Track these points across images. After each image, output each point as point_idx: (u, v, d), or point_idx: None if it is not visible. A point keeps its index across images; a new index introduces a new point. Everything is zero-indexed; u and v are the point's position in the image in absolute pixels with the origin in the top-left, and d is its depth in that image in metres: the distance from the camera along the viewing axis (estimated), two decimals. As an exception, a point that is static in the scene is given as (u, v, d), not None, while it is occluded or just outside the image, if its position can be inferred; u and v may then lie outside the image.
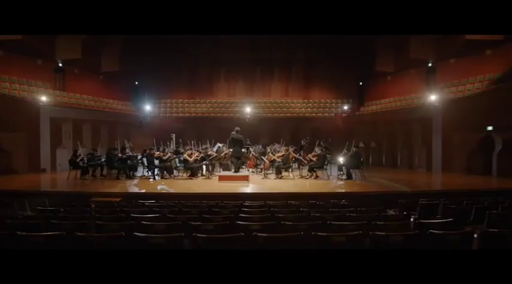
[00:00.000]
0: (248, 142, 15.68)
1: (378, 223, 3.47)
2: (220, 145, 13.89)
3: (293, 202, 5.97)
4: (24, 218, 4.19)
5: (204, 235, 2.87)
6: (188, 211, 4.84)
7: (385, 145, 15.50)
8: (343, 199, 6.94)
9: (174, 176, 11.09)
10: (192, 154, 10.84)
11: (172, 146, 14.08)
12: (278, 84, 20.79)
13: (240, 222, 3.51)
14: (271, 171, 11.64)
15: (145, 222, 3.59)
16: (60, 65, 16.17)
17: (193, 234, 3.01)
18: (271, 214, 4.19)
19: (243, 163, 11.99)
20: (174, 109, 19.78)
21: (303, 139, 14.47)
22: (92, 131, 15.11)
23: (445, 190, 8.59)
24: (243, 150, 11.34)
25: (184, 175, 11.34)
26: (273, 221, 3.61)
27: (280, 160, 10.59)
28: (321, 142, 13.80)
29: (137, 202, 6.46)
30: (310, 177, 10.73)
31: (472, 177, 11.01)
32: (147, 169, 11.76)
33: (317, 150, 11.20)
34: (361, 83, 20.02)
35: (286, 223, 3.42)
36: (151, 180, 10.53)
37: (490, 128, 11.29)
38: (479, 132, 11.52)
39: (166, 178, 10.72)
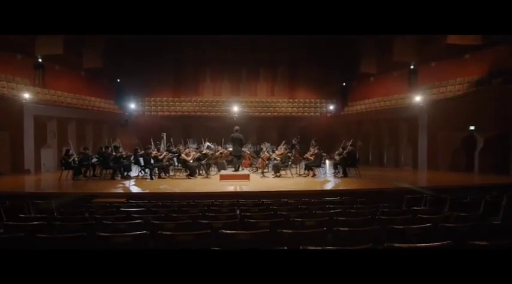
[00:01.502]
0: (229, 141, 15.72)
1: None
2: (209, 144, 13.84)
3: (309, 200, 6.10)
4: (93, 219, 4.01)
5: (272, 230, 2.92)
6: (219, 210, 4.85)
7: (372, 144, 16.03)
8: (349, 196, 7.18)
9: (171, 176, 10.95)
10: (189, 153, 10.74)
11: (163, 145, 13.84)
12: (264, 83, 20.93)
13: (297, 219, 3.58)
14: (266, 170, 11.74)
15: (203, 221, 3.57)
16: (40, 60, 15.44)
17: (251, 232, 3.07)
18: (309, 211, 4.29)
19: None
20: (159, 107, 19.41)
21: (293, 138, 14.63)
22: (77, 130, 14.54)
23: (441, 186, 9.02)
24: (242, 149, 11.36)
25: (180, 174, 11.23)
26: (326, 217, 3.72)
27: (279, 158, 10.71)
28: (313, 142, 14.12)
29: (150, 202, 6.35)
30: (307, 175, 10.96)
31: (459, 174, 11.61)
32: (140, 169, 11.54)
33: (312, 149, 11.41)
34: (344, 84, 20.57)
35: (339, 218, 3.53)
36: (148, 180, 10.33)
37: (472, 128, 11.99)
38: (463, 132, 12.20)
39: (163, 178, 10.55)
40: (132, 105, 18.43)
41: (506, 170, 11.14)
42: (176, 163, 11.40)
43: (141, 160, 10.77)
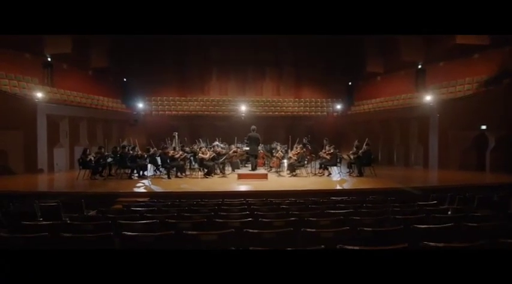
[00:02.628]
0: (246, 140, 15.80)
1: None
2: (218, 143, 13.90)
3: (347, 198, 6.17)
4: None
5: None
6: (259, 209, 4.90)
7: (381, 143, 16.11)
8: (374, 194, 7.27)
9: (187, 175, 10.98)
10: (206, 152, 10.78)
11: (174, 144, 13.84)
12: (270, 83, 20.98)
13: (355, 217, 3.65)
14: (280, 169, 11.80)
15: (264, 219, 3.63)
16: (49, 59, 15.37)
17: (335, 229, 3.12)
18: (367, 209, 4.36)
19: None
20: (167, 107, 19.39)
21: (304, 137, 14.69)
22: (88, 129, 14.50)
23: (463, 185, 9.05)
24: (259, 148, 11.39)
25: (195, 173, 11.24)
26: (385, 215, 3.80)
27: (295, 158, 10.78)
28: (325, 141, 14.21)
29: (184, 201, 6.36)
30: (323, 174, 11.03)
31: (471, 172, 11.67)
32: (155, 168, 11.56)
33: (327, 148, 11.48)
34: (350, 83, 20.69)
35: (395, 217, 3.60)
36: (165, 179, 10.33)
37: (483, 127, 12.14)
38: (473, 131, 12.34)
39: (180, 177, 10.57)
40: (140, 104, 18.40)
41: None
42: (193, 163, 11.39)
43: (158, 159, 10.76)
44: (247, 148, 11.79)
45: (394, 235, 2.77)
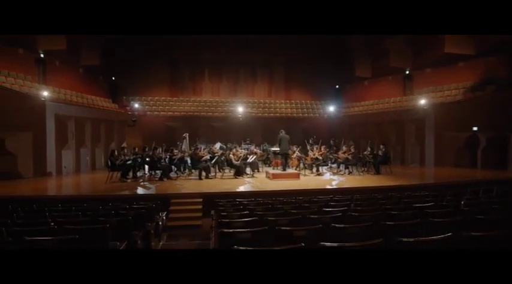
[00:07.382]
0: (248, 141, 16.03)
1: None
2: (221, 144, 14.04)
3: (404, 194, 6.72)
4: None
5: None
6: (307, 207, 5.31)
7: (377, 144, 17.10)
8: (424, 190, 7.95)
9: (213, 176, 10.99)
10: (236, 153, 10.89)
11: (185, 146, 13.70)
12: (261, 84, 21.34)
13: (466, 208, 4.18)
14: (298, 169, 12.17)
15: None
16: (42, 55, 14.44)
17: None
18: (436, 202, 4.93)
19: (271, 162, 12.36)
20: (160, 107, 18.96)
21: (310, 138, 15.19)
22: (92, 130, 13.83)
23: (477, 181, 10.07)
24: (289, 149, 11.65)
25: (222, 174, 11.28)
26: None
27: (321, 157, 11.24)
28: (331, 141, 14.89)
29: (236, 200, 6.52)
30: (344, 173, 11.62)
31: (468, 170, 12.91)
32: (175, 170, 11.43)
33: (345, 148, 12.08)
34: (337, 86, 21.68)
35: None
36: (194, 179, 10.29)
37: (475, 128, 13.50)
38: (466, 132, 13.67)
39: (210, 178, 10.57)
40: (136, 105, 17.83)
41: (505, 166, 12.75)
42: (225, 164, 11.39)
43: (188, 160, 10.69)
44: (277, 149, 11.94)
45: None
